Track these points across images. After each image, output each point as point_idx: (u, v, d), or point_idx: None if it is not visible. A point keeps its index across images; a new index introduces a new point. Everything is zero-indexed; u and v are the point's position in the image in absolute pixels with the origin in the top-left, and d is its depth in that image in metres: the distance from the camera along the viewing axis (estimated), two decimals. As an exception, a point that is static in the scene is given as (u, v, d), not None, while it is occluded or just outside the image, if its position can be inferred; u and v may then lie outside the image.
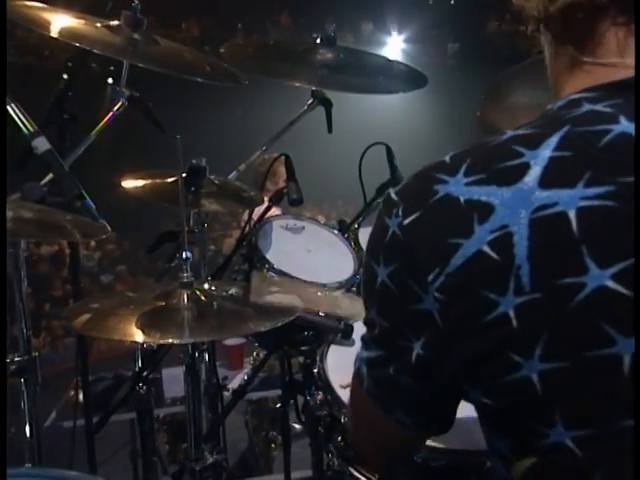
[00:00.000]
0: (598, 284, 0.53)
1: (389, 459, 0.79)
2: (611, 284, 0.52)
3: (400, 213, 0.61)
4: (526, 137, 0.60)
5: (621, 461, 0.53)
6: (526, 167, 0.57)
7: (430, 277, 0.58)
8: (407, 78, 1.86)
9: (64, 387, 2.29)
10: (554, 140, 0.57)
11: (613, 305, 0.53)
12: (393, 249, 0.61)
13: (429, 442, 1.12)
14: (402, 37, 10.83)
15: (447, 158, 0.62)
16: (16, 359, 1.20)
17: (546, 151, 0.57)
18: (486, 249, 0.55)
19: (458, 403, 0.69)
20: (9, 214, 1.00)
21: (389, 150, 1.80)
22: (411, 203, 0.61)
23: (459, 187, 0.58)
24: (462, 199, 0.58)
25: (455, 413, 0.70)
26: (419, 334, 0.61)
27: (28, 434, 1.22)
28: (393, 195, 0.63)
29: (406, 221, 0.60)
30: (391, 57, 1.97)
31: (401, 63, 1.96)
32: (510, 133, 0.61)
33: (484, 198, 0.57)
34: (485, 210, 0.56)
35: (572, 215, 0.54)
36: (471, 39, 10.80)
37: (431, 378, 0.64)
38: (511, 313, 0.55)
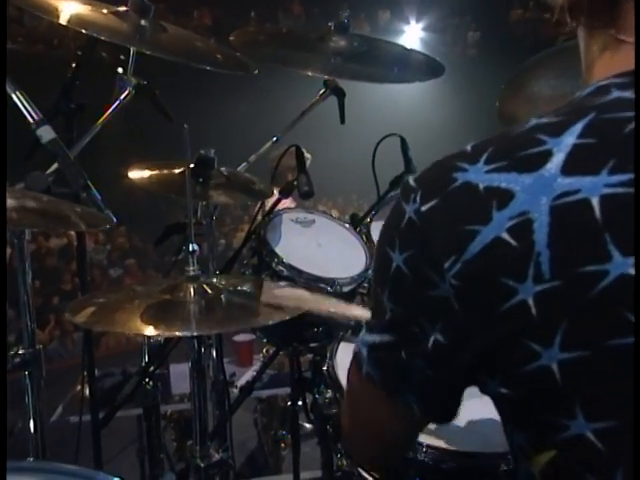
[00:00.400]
0: (621, 272, 0.52)
1: (383, 451, 0.78)
2: (634, 272, 0.52)
3: (418, 199, 0.61)
4: (550, 125, 0.60)
5: None
6: (548, 154, 0.57)
7: (446, 264, 0.58)
8: (424, 67, 1.84)
9: (72, 382, 2.32)
10: (578, 127, 0.57)
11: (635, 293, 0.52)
12: (409, 235, 0.62)
13: (441, 444, 1.13)
14: (420, 26, 10.75)
15: (468, 147, 0.62)
16: (20, 352, 1.21)
17: (570, 138, 0.57)
18: (505, 236, 0.56)
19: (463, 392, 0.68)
20: (13, 203, 1.01)
21: (404, 142, 1.79)
22: (429, 190, 0.61)
23: (479, 175, 0.59)
24: (481, 186, 0.58)
25: (459, 404, 0.69)
26: (435, 321, 0.61)
27: (32, 429, 1.23)
28: (412, 181, 0.64)
29: (423, 207, 0.61)
30: (408, 46, 1.95)
31: (418, 52, 1.94)
32: (534, 121, 0.61)
33: (504, 185, 0.57)
34: (505, 197, 0.56)
35: (595, 202, 0.54)
36: (493, 28, 10.68)
37: (446, 366, 0.63)
38: (530, 301, 0.55)
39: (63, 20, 1.29)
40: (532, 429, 0.59)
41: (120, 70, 1.51)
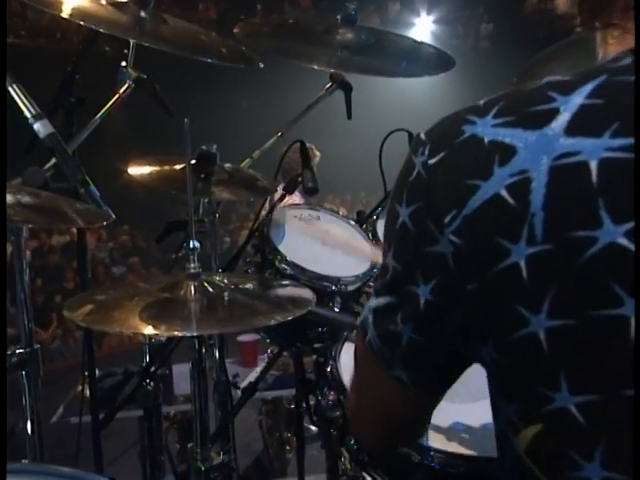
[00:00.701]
0: (610, 240, 0.52)
1: (389, 432, 0.78)
2: (623, 241, 0.52)
3: (426, 152, 0.62)
4: (562, 83, 0.60)
5: (623, 435, 0.52)
6: (555, 112, 0.57)
7: (447, 219, 0.59)
8: (434, 60, 1.83)
9: (73, 382, 2.33)
10: (588, 87, 0.57)
11: (623, 264, 0.52)
12: (416, 188, 0.62)
13: (448, 448, 1.12)
14: (431, 18, 10.71)
15: (482, 101, 0.63)
16: (17, 351, 1.21)
17: (578, 98, 0.57)
18: (503, 193, 0.56)
19: (462, 368, 0.68)
20: (9, 199, 1.01)
21: (411, 137, 1.78)
22: (438, 143, 0.62)
23: (486, 128, 0.59)
24: (486, 140, 0.58)
25: (459, 374, 0.69)
26: (429, 278, 0.61)
27: (29, 430, 1.23)
28: (422, 135, 0.64)
29: (431, 161, 0.61)
30: (419, 39, 1.93)
31: (428, 44, 1.93)
32: (548, 78, 0.61)
33: (508, 140, 0.57)
34: (507, 152, 0.57)
35: (593, 165, 0.53)
36: (506, 19, 10.62)
37: (436, 330, 0.63)
38: (522, 263, 0.55)
39: (65, 13, 1.29)
40: (521, 400, 0.58)
41: (123, 64, 1.51)
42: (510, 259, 0.55)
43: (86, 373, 1.67)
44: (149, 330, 1.08)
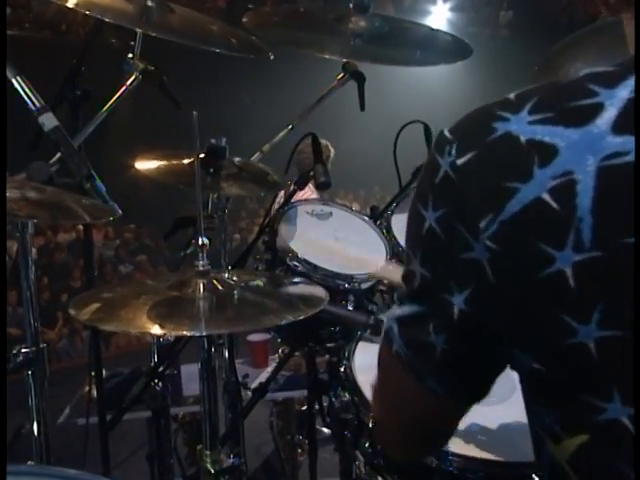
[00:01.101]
0: None
1: (414, 440, 0.77)
2: None
3: (453, 152, 0.60)
4: (604, 75, 0.57)
5: None
6: (599, 108, 0.54)
7: (482, 224, 0.57)
8: (450, 48, 1.81)
9: (80, 382, 2.35)
10: (634, 79, 0.55)
11: None
12: (444, 191, 0.60)
13: (467, 452, 1.11)
14: (448, 5, 10.62)
15: (512, 95, 0.60)
16: (23, 351, 1.22)
17: (624, 91, 0.54)
18: (546, 197, 0.54)
19: (498, 373, 0.67)
20: (14, 194, 1.02)
21: (427, 129, 1.77)
22: (466, 141, 0.59)
23: (521, 125, 0.56)
24: (523, 138, 0.56)
25: (493, 382, 0.67)
26: (464, 286, 0.60)
27: (35, 431, 1.24)
28: (446, 132, 0.62)
29: (460, 161, 0.59)
30: (435, 27, 1.92)
31: (444, 32, 1.91)
32: (587, 70, 0.59)
33: (547, 139, 0.55)
34: (548, 152, 0.54)
35: None
36: (526, 6, 10.51)
37: (471, 339, 0.62)
38: (568, 271, 0.53)
39: (71, 3, 1.29)
40: (566, 410, 0.57)
41: (130, 56, 1.51)
42: (554, 266, 0.53)
43: (93, 373, 1.68)
44: (157, 329, 1.08)
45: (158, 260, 8.13)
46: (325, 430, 2.25)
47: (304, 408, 2.45)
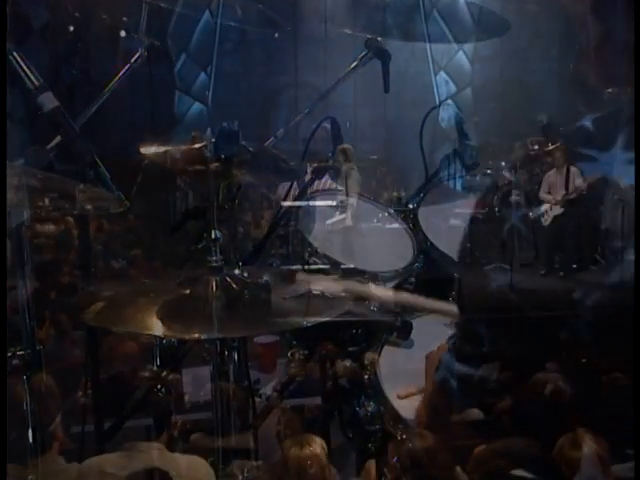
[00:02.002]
0: None
1: None
2: None
3: None
4: None
5: None
6: None
7: None
8: (485, 23, 1.79)
9: (70, 388, 2.33)
10: None
11: None
12: None
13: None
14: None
15: None
16: (18, 353, 1.20)
17: None
18: None
19: None
20: (11, 182, 1.00)
21: (456, 113, 1.74)
22: None
23: None
24: None
25: None
26: None
27: (31, 439, 1.23)
28: None
29: None
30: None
31: (476, 4, 1.88)
32: None
33: None
34: None
35: None
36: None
37: None
38: None
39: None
40: None
41: (123, 34, 1.49)
42: None
43: (88, 378, 1.66)
44: (166, 331, 1.06)
45: (154, 255, 8.10)
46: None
47: (316, 415, 2.43)
